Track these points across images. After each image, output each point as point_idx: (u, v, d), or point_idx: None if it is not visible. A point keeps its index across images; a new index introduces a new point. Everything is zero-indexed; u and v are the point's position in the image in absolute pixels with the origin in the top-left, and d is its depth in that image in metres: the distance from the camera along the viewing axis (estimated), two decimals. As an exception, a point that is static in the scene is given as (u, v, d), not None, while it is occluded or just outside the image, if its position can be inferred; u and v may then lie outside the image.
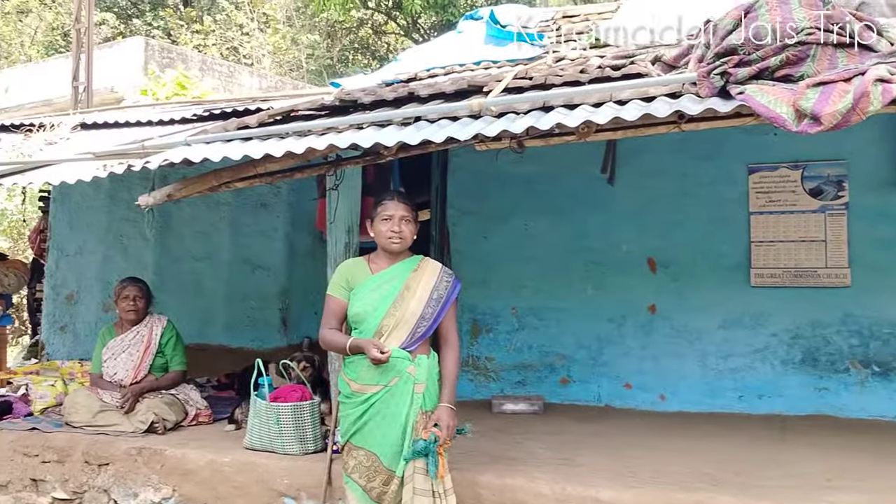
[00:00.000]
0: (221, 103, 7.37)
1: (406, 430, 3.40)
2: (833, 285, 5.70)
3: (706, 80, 3.21)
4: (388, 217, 3.55)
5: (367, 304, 3.52)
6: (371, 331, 3.48)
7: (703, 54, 3.33)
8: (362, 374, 3.46)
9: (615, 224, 6.28)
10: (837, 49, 3.09)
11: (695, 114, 3.16)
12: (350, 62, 23.22)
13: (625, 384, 6.23)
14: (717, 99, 3.20)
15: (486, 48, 6.52)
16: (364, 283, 3.59)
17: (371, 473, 3.44)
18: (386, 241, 3.56)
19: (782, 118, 2.91)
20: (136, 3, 25.97)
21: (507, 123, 3.56)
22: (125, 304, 5.52)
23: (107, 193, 7.10)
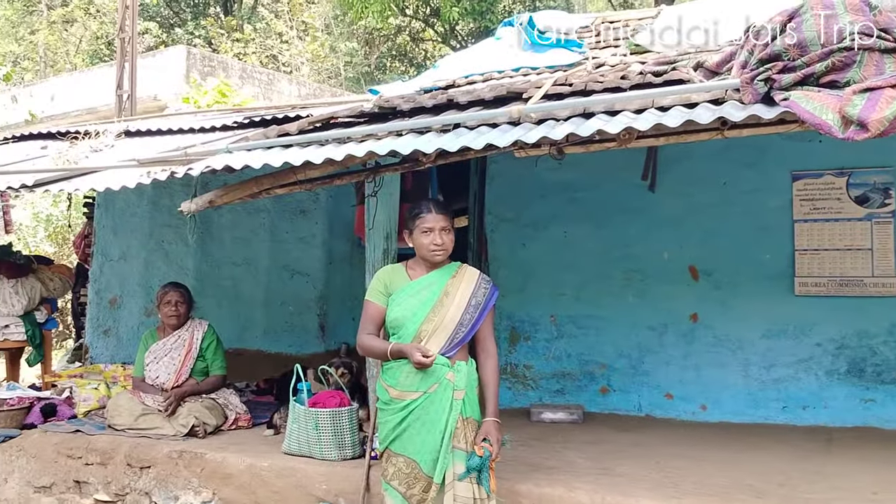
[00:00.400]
0: (261, 111, 7.43)
1: (445, 437, 3.39)
2: (880, 294, 5.57)
3: (749, 87, 3.16)
4: (429, 229, 3.55)
5: (405, 309, 3.52)
6: (410, 336, 3.48)
7: (747, 60, 3.29)
8: (402, 381, 3.46)
9: (656, 232, 6.21)
10: (884, 54, 3.03)
11: (738, 120, 3.11)
12: (388, 69, 23.37)
13: (666, 394, 6.15)
14: (760, 105, 3.15)
15: (524, 55, 6.51)
16: (403, 288, 3.59)
17: (411, 480, 3.44)
18: (429, 253, 3.56)
19: (828, 125, 2.86)
20: (178, 13, 26.38)
21: (546, 130, 3.54)
22: (167, 308, 5.59)
23: (149, 200, 7.20)
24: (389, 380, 3.52)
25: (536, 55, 6.39)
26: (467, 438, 3.42)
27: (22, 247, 11.52)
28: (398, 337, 3.52)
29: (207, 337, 5.65)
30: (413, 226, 3.60)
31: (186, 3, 26.60)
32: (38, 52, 25.36)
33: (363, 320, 3.64)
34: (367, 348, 3.61)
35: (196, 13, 26.11)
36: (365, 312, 3.65)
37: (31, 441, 5.33)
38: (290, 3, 24.91)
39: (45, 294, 6.63)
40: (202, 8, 26.36)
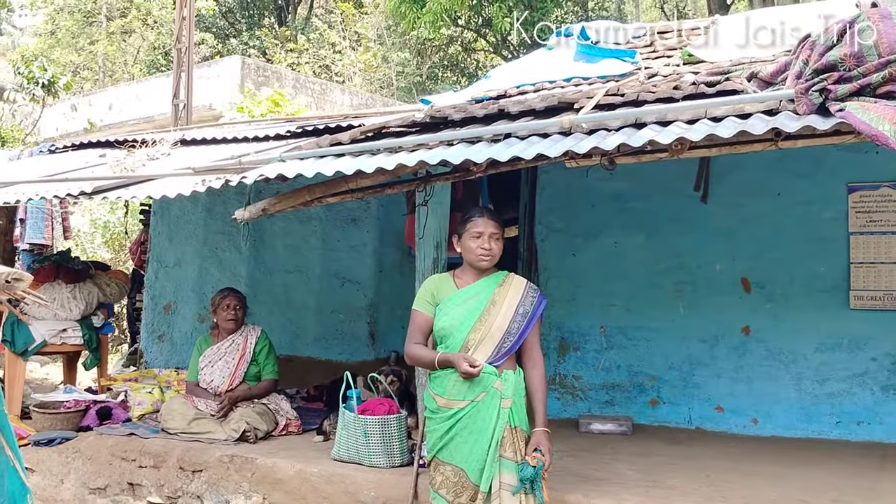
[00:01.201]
0: (314, 120, 7.51)
1: (492, 446, 3.39)
2: (939, 307, 5.44)
3: (804, 97, 3.12)
4: (478, 234, 3.55)
5: (453, 318, 3.53)
6: (457, 345, 3.48)
7: (802, 70, 3.24)
8: (449, 390, 3.47)
9: (708, 243, 6.15)
10: (944, 65, 2.96)
11: (792, 131, 3.07)
12: (439, 79, 23.48)
13: (717, 407, 6.07)
14: (815, 116, 3.11)
15: (576, 65, 6.49)
16: (450, 297, 3.59)
17: (458, 489, 3.43)
18: (476, 258, 3.57)
19: (885, 136, 2.81)
20: (233, 24, 26.87)
21: (598, 140, 3.53)
22: (226, 313, 5.69)
23: (204, 207, 7.34)
24: (437, 388, 3.52)
25: (588, 65, 6.37)
26: (516, 448, 3.42)
27: (79, 253, 11.82)
28: (445, 346, 3.52)
29: (260, 342, 5.74)
30: (463, 230, 3.61)
31: (241, 14, 27.09)
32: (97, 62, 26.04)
33: (411, 329, 3.66)
34: (415, 358, 3.63)
35: (251, 24, 26.57)
36: (412, 322, 3.67)
37: (86, 443, 5.46)
38: (343, 14, 25.20)
39: (102, 299, 6.79)
40: (257, 19, 26.83)
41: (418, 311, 3.66)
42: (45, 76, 12.45)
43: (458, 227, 3.67)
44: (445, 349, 3.51)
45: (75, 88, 19.26)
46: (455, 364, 3.35)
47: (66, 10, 25.94)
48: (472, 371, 3.29)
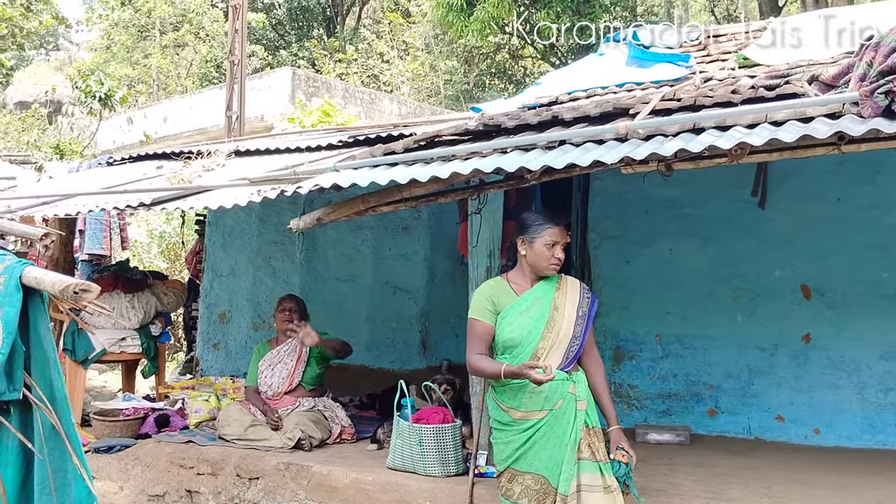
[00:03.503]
0: (365, 130, 7.57)
1: (570, 449, 3.34)
2: None
3: (869, 100, 3.04)
4: (553, 242, 3.50)
5: (520, 328, 3.46)
6: (527, 356, 3.41)
7: (866, 72, 3.16)
8: (525, 402, 3.40)
9: (766, 249, 6.02)
10: None
11: (857, 135, 2.99)
12: (487, 87, 23.48)
13: (777, 416, 5.94)
14: (881, 119, 3.02)
15: (628, 70, 6.41)
16: (512, 305, 3.52)
17: (541, 496, 3.37)
18: (546, 265, 3.51)
19: None
20: (283, 35, 27.24)
21: (655, 146, 3.48)
22: (282, 316, 5.79)
23: (257, 217, 7.43)
24: (510, 401, 3.44)
25: (641, 70, 6.29)
26: (594, 448, 3.39)
27: (137, 263, 12.05)
28: (513, 357, 3.45)
29: None
30: (535, 235, 3.52)
31: (291, 26, 27.47)
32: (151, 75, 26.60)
33: (471, 339, 3.54)
34: (478, 369, 3.52)
35: (300, 35, 26.93)
36: (471, 331, 3.55)
37: (145, 450, 5.54)
38: (390, 24, 25.40)
39: (160, 308, 6.90)
40: (306, 30, 27.17)
41: (478, 321, 3.54)
42: (101, 90, 12.77)
43: (526, 230, 3.57)
44: (513, 360, 3.43)
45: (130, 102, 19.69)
46: (524, 375, 3.26)
47: (120, 24, 26.56)
48: (543, 379, 3.21)
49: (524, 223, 3.60)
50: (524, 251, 3.55)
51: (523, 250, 3.56)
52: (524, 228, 3.58)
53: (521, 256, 3.57)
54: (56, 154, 12.70)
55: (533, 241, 3.53)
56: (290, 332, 5.73)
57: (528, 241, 3.54)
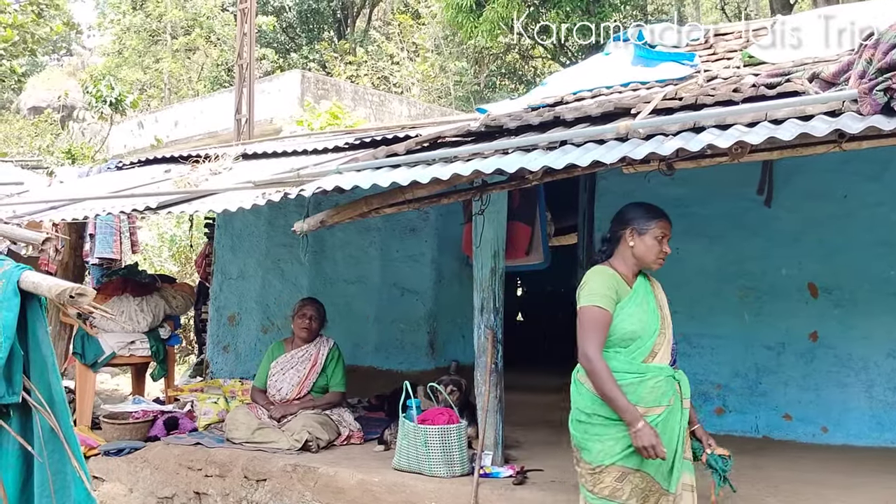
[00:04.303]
0: (372, 131, 7.57)
1: (679, 446, 3.27)
2: None
3: (868, 97, 3.03)
4: (663, 236, 3.36)
5: (640, 321, 3.27)
6: (644, 353, 3.25)
7: (865, 70, 3.14)
8: (645, 397, 3.21)
9: (772, 247, 6.00)
10: None
11: (856, 132, 2.98)
12: (497, 87, 23.49)
13: (784, 415, 5.92)
14: (880, 116, 3.01)
15: (634, 69, 6.41)
16: (631, 296, 3.32)
17: (646, 494, 3.26)
18: (654, 259, 3.36)
19: None
20: (293, 38, 27.34)
21: (655, 146, 3.47)
22: (301, 321, 5.81)
23: (266, 220, 7.47)
24: (630, 397, 3.17)
25: (646, 69, 6.28)
26: (688, 447, 3.40)
27: (147, 266, 12.13)
28: (630, 352, 3.23)
29: (332, 354, 5.84)
30: (646, 227, 3.36)
31: (301, 29, 27.57)
32: (162, 79, 26.74)
33: (590, 329, 3.21)
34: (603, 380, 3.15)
35: (310, 38, 27.01)
36: (594, 319, 3.22)
37: (154, 453, 5.58)
38: (400, 26, 25.44)
39: (169, 311, 6.94)
40: (316, 33, 27.26)
41: (601, 309, 3.22)
42: (112, 95, 12.84)
43: (634, 220, 3.39)
44: (629, 355, 3.23)
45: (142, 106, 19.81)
46: (647, 441, 3.05)
47: (132, 29, 26.72)
48: (662, 456, 3.07)
49: (633, 214, 3.43)
50: (633, 242, 3.36)
51: (632, 241, 3.36)
52: (633, 219, 3.40)
53: (629, 248, 3.37)
54: (68, 159, 12.80)
55: (644, 232, 3.35)
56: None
57: (639, 233, 3.36)
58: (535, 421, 6.25)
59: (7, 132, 21.34)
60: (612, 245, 3.47)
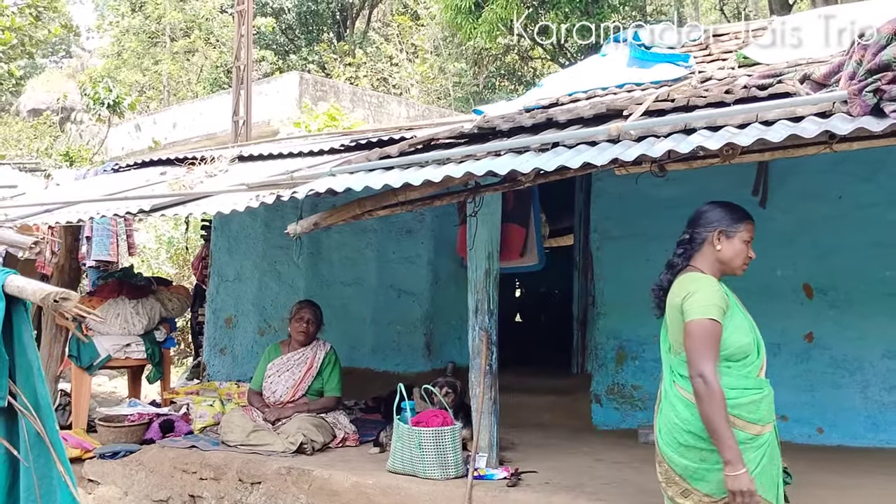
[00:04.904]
0: (368, 133, 7.57)
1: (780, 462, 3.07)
2: None
3: (857, 98, 3.03)
4: (750, 239, 3.14)
5: (751, 333, 3.04)
6: (759, 366, 2.99)
7: (855, 71, 3.15)
8: (765, 415, 2.95)
9: (768, 248, 5.92)
10: None
11: (845, 133, 2.98)
12: (496, 88, 23.48)
13: (781, 416, 5.89)
14: (869, 117, 3.01)
15: (629, 71, 6.42)
16: (735, 307, 3.07)
17: None
18: (741, 265, 3.15)
19: None
20: (292, 40, 27.33)
21: (645, 147, 3.48)
22: (298, 325, 5.81)
23: (262, 221, 7.47)
24: (750, 415, 2.90)
25: (642, 70, 6.29)
26: None
27: (145, 268, 12.14)
28: (742, 365, 2.94)
29: (328, 357, 5.84)
30: (735, 229, 3.11)
31: (301, 31, 27.56)
32: (161, 81, 26.74)
33: (705, 346, 2.88)
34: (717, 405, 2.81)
35: (310, 40, 27.01)
36: (708, 335, 2.88)
37: (149, 456, 5.58)
38: (399, 27, 25.45)
39: (164, 314, 6.96)
40: (316, 34, 27.25)
41: (717, 322, 2.90)
42: (109, 97, 12.85)
43: (724, 222, 3.12)
44: (740, 372, 2.93)
45: (141, 108, 19.81)
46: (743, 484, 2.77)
47: (131, 31, 26.71)
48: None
49: (718, 215, 3.15)
50: (720, 245, 3.09)
51: (719, 245, 3.09)
52: (719, 220, 3.12)
53: (715, 251, 3.10)
54: (66, 161, 12.81)
55: (732, 235, 3.10)
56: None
57: (728, 235, 3.09)
58: (529, 423, 6.26)
59: (6, 134, 21.33)
60: (693, 248, 3.17)
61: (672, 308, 3.07)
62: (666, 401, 3.09)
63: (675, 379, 3.05)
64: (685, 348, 2.94)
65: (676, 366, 3.05)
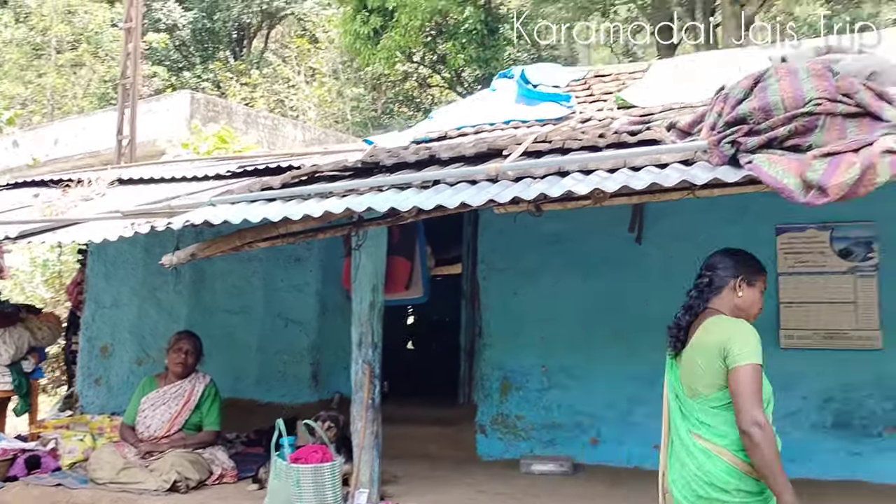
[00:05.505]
0: (258, 159, 7.50)
1: None
2: (864, 348, 5.56)
3: (716, 149, 3.20)
4: (764, 290, 3.18)
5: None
6: (771, 414, 2.98)
7: (715, 122, 3.33)
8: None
9: (643, 283, 6.19)
10: (847, 119, 3.06)
11: (701, 183, 3.14)
12: (394, 114, 23.59)
13: (654, 445, 6.07)
14: (726, 168, 3.19)
15: (517, 107, 6.58)
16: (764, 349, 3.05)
17: None
18: (756, 314, 3.15)
19: (789, 189, 2.92)
20: (186, 56, 26.76)
21: (520, 189, 3.58)
22: (176, 356, 5.61)
23: (142, 247, 7.23)
24: None
25: (528, 108, 6.46)
26: None
27: (18, 292, 11.57)
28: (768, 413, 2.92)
29: (207, 390, 5.66)
30: (755, 279, 3.15)
31: (195, 48, 27.01)
32: (45, 94, 25.67)
33: (756, 392, 2.83)
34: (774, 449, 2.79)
35: (205, 57, 26.49)
36: (757, 382, 2.85)
37: (12, 494, 5.28)
38: (298, 49, 25.29)
39: (34, 343, 6.65)
40: (211, 52, 26.74)
41: (761, 367, 2.89)
42: (-15, 111, 12.25)
43: (744, 270, 3.15)
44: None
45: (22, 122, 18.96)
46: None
47: (13, 42, 25.57)
48: None
49: (741, 263, 3.19)
50: (742, 293, 3.11)
51: (741, 292, 3.11)
52: (741, 268, 3.17)
53: (736, 297, 3.12)
54: (-64, 178, 12.11)
55: (753, 283, 3.15)
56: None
57: (748, 283, 3.13)
58: (414, 454, 6.24)
59: None
60: (712, 292, 3.19)
61: (705, 350, 3.04)
62: (685, 451, 3.04)
63: (692, 427, 3.03)
64: (734, 394, 2.87)
65: (696, 411, 3.03)
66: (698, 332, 3.12)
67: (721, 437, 2.91)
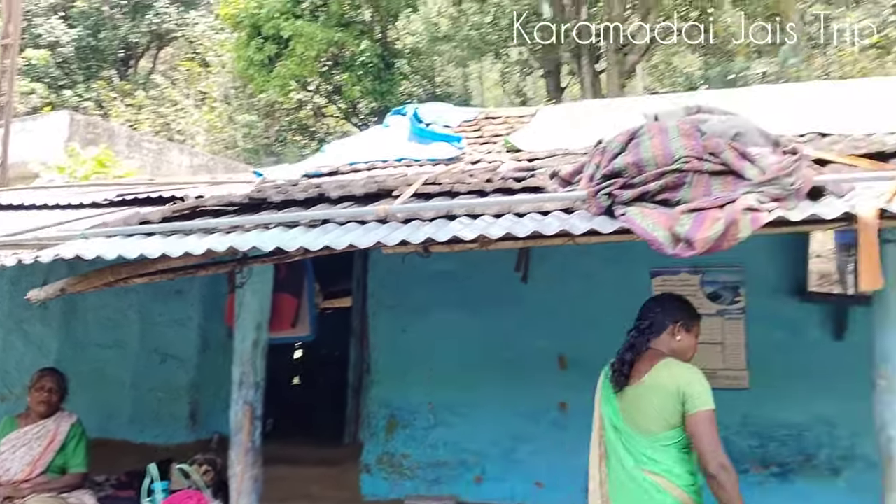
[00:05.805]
0: (139, 187, 7.24)
1: None
2: (731, 387, 5.78)
3: (594, 200, 3.33)
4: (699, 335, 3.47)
5: None
6: None
7: (594, 173, 3.45)
8: None
9: (529, 321, 6.31)
10: (712, 176, 3.25)
11: (579, 233, 3.27)
12: (288, 142, 23.33)
13: (536, 482, 6.17)
14: (603, 218, 3.32)
15: (409, 146, 6.60)
16: None
17: None
18: (691, 356, 3.44)
19: (659, 241, 3.08)
20: (68, 74, 25.74)
21: (408, 232, 3.60)
22: (38, 395, 5.27)
23: (8, 278, 6.82)
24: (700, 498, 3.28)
25: (420, 147, 6.48)
26: None
27: None
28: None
29: (73, 430, 5.32)
30: (692, 324, 3.46)
31: (78, 66, 26.02)
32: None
33: (716, 434, 3.16)
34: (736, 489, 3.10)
35: (88, 75, 25.55)
36: (714, 426, 3.18)
37: None
38: (188, 72, 24.75)
39: None
40: (95, 71, 25.82)
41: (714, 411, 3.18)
42: None
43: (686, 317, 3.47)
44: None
45: None
46: None
47: None
48: None
49: (680, 310, 3.49)
50: (679, 336, 3.41)
51: (679, 336, 3.41)
52: (680, 313, 3.47)
53: (674, 341, 3.41)
54: None
55: (690, 328, 3.44)
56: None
57: (686, 329, 3.43)
58: (296, 495, 6.13)
59: None
60: (653, 334, 3.44)
61: (661, 392, 3.23)
62: (633, 483, 3.25)
63: (639, 463, 3.24)
64: (696, 437, 3.12)
65: (644, 447, 3.25)
66: (651, 372, 3.35)
67: (670, 474, 3.18)
